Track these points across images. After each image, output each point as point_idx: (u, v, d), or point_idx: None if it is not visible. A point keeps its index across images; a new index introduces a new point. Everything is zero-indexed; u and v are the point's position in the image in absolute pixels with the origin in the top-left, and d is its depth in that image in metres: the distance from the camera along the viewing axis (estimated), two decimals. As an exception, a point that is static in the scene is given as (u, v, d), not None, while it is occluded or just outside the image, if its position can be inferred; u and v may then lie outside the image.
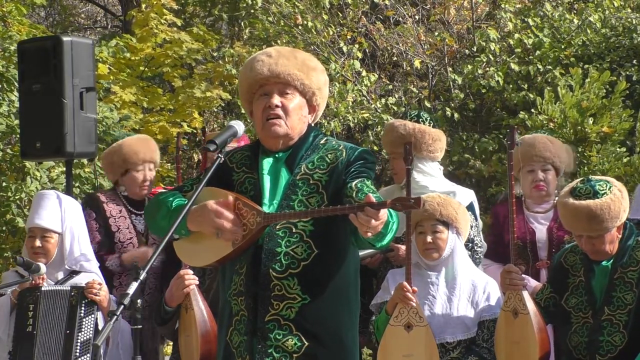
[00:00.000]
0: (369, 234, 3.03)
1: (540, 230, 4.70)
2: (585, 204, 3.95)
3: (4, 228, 8.15)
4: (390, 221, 3.14)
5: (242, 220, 3.25)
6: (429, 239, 4.26)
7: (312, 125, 3.51)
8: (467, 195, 4.75)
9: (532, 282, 4.51)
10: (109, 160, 5.20)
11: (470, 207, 4.67)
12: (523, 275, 4.17)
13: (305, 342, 3.26)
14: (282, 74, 3.34)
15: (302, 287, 3.26)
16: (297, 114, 3.36)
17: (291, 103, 3.35)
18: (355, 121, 9.61)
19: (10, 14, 8.98)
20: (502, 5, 9.88)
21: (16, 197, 7.84)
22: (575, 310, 4.09)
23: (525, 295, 4.08)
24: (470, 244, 4.58)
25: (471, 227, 4.56)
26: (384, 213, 3.00)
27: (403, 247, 4.41)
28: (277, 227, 3.28)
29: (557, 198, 4.72)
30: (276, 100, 3.33)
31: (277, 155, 3.40)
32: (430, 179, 4.76)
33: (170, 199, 3.41)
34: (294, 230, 3.28)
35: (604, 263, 4.06)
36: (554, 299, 4.18)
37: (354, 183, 3.26)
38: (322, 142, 3.43)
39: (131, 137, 5.36)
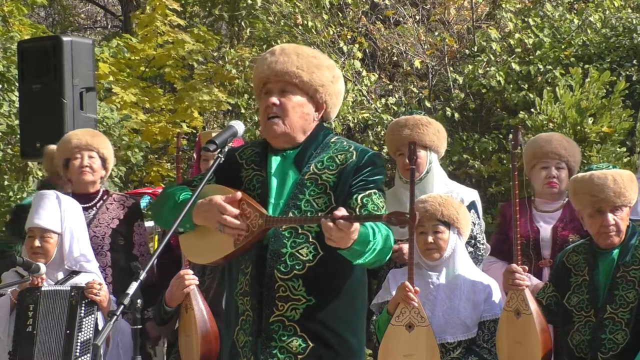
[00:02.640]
0: (332, 243, 3.03)
1: (545, 229, 4.70)
2: (612, 170, 4.10)
3: (4, 228, 8.15)
4: (370, 241, 3.13)
5: (245, 221, 3.25)
6: (430, 239, 4.25)
7: (325, 123, 3.49)
8: (469, 194, 4.76)
9: (534, 280, 4.51)
10: (55, 156, 5.12)
11: (472, 206, 4.67)
12: (525, 275, 4.16)
13: (310, 344, 3.26)
14: (280, 72, 3.33)
15: (306, 288, 3.25)
16: (297, 112, 3.34)
17: (290, 102, 3.33)
18: (355, 121, 9.61)
19: (11, 13, 9.00)
20: (503, 5, 9.88)
21: (17, 197, 7.85)
22: (577, 308, 4.09)
23: (528, 295, 4.08)
24: (473, 241, 4.58)
25: (474, 224, 4.56)
26: (354, 229, 2.99)
27: (405, 246, 4.41)
28: (283, 227, 3.28)
29: (567, 198, 4.74)
30: (274, 99, 3.33)
31: (285, 154, 3.38)
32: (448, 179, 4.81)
33: (178, 192, 3.41)
34: (299, 231, 3.27)
35: (609, 256, 4.08)
36: (555, 297, 4.18)
37: (360, 196, 3.26)
38: (333, 140, 3.41)
39: (74, 130, 5.29)
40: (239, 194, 3.27)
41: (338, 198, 3.27)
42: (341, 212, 2.99)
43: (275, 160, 3.38)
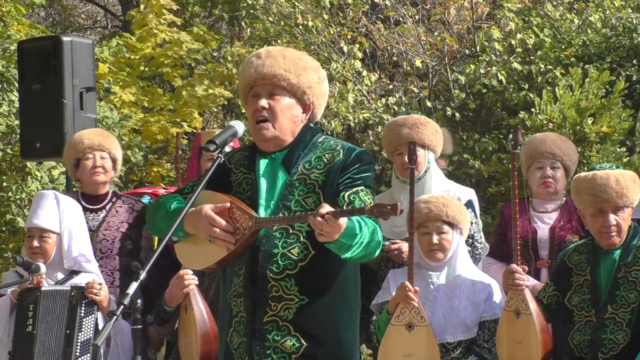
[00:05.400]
0: (323, 239, 3.05)
1: (543, 230, 4.70)
2: (615, 170, 4.10)
3: (4, 228, 8.16)
4: (357, 234, 3.14)
5: (236, 225, 3.27)
6: (435, 239, 4.25)
7: (312, 124, 3.50)
8: (466, 193, 4.76)
9: (532, 281, 4.51)
10: (64, 156, 5.12)
11: (470, 204, 4.67)
12: (525, 275, 4.17)
13: (304, 343, 3.27)
14: (267, 75, 3.34)
15: (299, 287, 3.26)
16: (286, 114, 3.36)
17: (279, 104, 3.35)
18: (356, 121, 9.61)
19: (9, 13, 8.99)
20: (504, 5, 9.88)
21: (16, 197, 7.84)
22: (577, 308, 4.09)
23: (528, 295, 4.08)
24: (471, 240, 4.57)
25: (471, 223, 4.56)
26: (342, 222, 3.01)
27: (404, 245, 4.40)
28: (274, 228, 3.29)
29: (564, 198, 4.74)
30: (263, 102, 3.35)
31: (273, 156, 3.40)
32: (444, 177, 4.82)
33: (170, 201, 3.44)
34: (290, 232, 3.28)
35: (610, 256, 4.08)
36: (556, 297, 4.18)
37: (346, 194, 3.27)
38: (320, 140, 3.43)
39: (84, 130, 5.29)
40: (228, 204, 3.28)
41: (327, 196, 3.28)
42: (325, 208, 3.01)
43: (263, 163, 3.40)
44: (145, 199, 5.84)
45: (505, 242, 4.74)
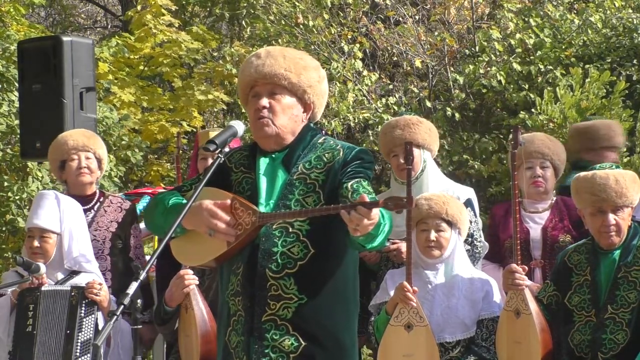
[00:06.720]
0: (358, 233, 3.02)
1: (535, 230, 4.70)
2: (615, 170, 4.10)
3: (4, 228, 8.15)
4: (382, 223, 3.12)
5: (238, 220, 3.26)
6: (433, 236, 4.25)
7: (313, 124, 3.51)
8: (464, 192, 4.76)
9: (527, 282, 4.51)
10: (49, 158, 5.11)
11: (469, 203, 4.67)
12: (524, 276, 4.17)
13: (302, 342, 3.26)
14: (268, 75, 3.35)
15: (298, 287, 3.26)
16: (287, 113, 3.37)
17: (279, 103, 3.35)
18: (356, 121, 9.62)
19: (8, 13, 9.00)
20: (504, 5, 9.88)
21: (17, 197, 7.84)
22: (577, 308, 4.09)
23: (528, 295, 4.08)
24: (470, 239, 4.58)
25: (471, 222, 4.56)
26: (375, 213, 2.99)
27: (404, 245, 4.40)
28: (274, 226, 3.28)
29: (554, 198, 4.75)
30: (264, 101, 3.35)
31: (273, 155, 3.41)
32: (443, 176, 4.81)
33: (167, 197, 3.43)
34: (290, 230, 3.28)
35: (610, 256, 4.08)
36: (556, 297, 4.19)
37: (349, 183, 3.26)
38: (320, 141, 3.44)
39: (67, 131, 5.27)
40: (229, 201, 3.28)
41: (327, 196, 3.28)
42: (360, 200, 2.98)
43: (263, 162, 3.40)
44: (145, 199, 5.85)
45: (497, 244, 4.75)
